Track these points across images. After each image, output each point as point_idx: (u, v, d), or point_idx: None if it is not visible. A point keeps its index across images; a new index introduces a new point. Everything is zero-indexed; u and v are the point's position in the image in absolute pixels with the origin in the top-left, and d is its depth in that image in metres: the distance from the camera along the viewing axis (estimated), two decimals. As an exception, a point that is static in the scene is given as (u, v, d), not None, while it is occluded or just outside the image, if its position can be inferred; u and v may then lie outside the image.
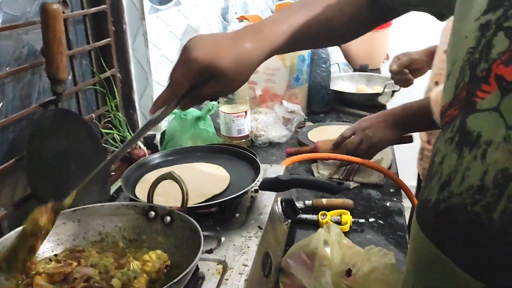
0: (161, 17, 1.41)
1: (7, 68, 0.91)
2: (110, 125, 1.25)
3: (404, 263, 0.83)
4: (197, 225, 0.65)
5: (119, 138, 1.27)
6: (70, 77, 1.10)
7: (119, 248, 0.69)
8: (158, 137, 1.39)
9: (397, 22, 2.27)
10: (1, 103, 0.90)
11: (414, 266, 0.56)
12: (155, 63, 1.37)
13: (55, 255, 0.65)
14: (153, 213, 0.70)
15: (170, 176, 0.71)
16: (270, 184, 0.87)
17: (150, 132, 1.40)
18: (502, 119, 0.42)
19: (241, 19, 1.75)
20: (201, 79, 0.64)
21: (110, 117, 1.25)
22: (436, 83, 1.35)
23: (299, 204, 1.08)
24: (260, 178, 0.91)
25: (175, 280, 0.54)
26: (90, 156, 1.07)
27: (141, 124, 1.36)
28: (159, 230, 0.69)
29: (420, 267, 0.54)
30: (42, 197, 0.90)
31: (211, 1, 1.89)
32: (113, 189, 1.12)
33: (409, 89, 1.66)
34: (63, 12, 0.95)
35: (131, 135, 1.30)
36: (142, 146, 1.32)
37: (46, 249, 0.66)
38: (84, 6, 1.14)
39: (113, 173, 1.19)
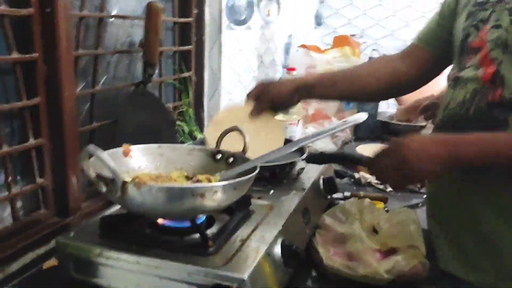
0: (234, 34, 1.65)
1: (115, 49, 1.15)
2: (181, 117, 1.46)
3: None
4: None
5: (187, 130, 1.47)
6: (157, 71, 1.32)
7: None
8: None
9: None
10: (106, 76, 1.13)
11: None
12: (224, 73, 1.59)
13: None
14: (219, 155, 0.87)
15: (235, 128, 0.89)
16: (315, 157, 1.02)
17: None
18: None
19: (301, 47, 1.96)
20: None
21: (182, 111, 1.46)
22: None
23: (338, 195, 1.21)
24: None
25: (243, 178, 0.70)
26: (163, 137, 1.27)
27: (206, 122, 1.56)
28: (223, 169, 0.86)
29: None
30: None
31: (280, 31, 2.10)
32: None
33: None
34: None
35: (198, 129, 1.50)
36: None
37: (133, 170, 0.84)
38: (175, 15, 1.38)
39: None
